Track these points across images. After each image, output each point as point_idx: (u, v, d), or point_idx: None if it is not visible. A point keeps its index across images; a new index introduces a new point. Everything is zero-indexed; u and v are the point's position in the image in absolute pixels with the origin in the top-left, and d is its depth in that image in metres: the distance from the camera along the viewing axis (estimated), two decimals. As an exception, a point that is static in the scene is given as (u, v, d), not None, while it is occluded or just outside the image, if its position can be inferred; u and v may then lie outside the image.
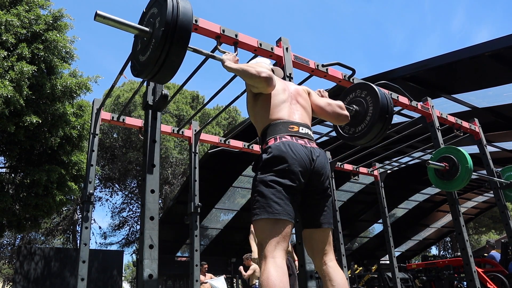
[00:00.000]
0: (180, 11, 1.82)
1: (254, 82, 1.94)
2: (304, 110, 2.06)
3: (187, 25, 1.83)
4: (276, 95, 2.00)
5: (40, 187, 8.14)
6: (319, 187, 1.85)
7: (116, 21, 1.89)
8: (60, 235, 21.66)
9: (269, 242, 1.65)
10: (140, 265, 1.96)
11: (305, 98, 2.13)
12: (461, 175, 3.85)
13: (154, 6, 2.00)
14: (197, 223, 4.09)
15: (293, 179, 1.73)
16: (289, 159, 1.74)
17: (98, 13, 1.80)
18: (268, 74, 1.92)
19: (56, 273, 11.75)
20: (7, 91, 6.93)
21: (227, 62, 2.08)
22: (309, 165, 1.78)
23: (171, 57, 1.82)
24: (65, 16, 8.88)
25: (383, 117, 2.86)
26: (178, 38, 1.80)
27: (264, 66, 2.08)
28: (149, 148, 2.22)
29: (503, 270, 6.56)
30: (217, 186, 11.56)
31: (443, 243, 28.75)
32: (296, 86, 2.18)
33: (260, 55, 3.04)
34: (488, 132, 7.37)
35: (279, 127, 1.89)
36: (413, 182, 13.13)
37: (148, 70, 1.90)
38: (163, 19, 1.82)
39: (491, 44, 5.43)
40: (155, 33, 1.88)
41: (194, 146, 4.52)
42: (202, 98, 20.36)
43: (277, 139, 1.83)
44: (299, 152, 1.77)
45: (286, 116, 1.94)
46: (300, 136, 1.88)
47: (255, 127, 2.09)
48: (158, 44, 1.80)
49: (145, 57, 1.93)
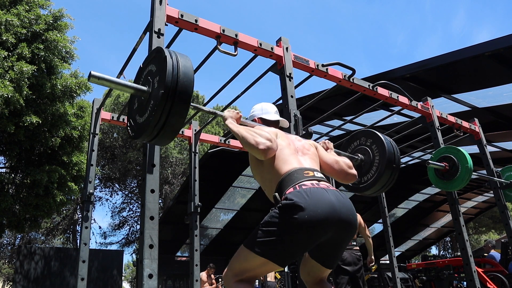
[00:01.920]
0: (181, 72, 1.68)
1: (252, 152, 1.84)
2: (314, 161, 1.95)
3: (188, 87, 1.69)
4: (281, 152, 1.87)
5: (40, 187, 8.14)
6: (342, 237, 1.69)
7: (111, 81, 1.79)
8: (60, 235, 21.66)
9: (247, 273, 1.65)
10: (140, 264, 1.96)
11: (313, 152, 2.03)
12: (461, 175, 3.85)
13: (152, 63, 1.85)
14: (197, 223, 4.09)
15: (312, 231, 1.58)
16: (312, 209, 1.57)
17: (92, 74, 1.71)
18: (266, 146, 1.78)
19: (56, 273, 11.75)
20: (7, 91, 6.93)
21: (229, 121, 1.99)
22: (333, 213, 1.61)
23: (171, 121, 1.69)
24: (65, 16, 8.89)
25: (390, 167, 2.75)
26: (178, 101, 1.65)
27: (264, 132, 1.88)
28: (149, 148, 2.22)
29: (503, 270, 6.56)
30: (217, 186, 11.56)
31: (443, 243, 28.75)
32: (302, 141, 2.07)
33: (260, 55, 3.04)
34: (488, 132, 7.36)
35: (294, 175, 1.75)
36: (413, 182, 13.13)
37: (146, 134, 1.76)
38: (162, 80, 1.67)
39: (491, 44, 5.42)
40: (153, 93, 1.74)
41: (194, 146, 4.52)
42: (202, 98, 20.37)
43: (296, 187, 1.67)
44: (323, 199, 1.61)
45: (297, 165, 1.82)
46: (318, 180, 1.74)
47: (263, 188, 1.95)
48: (157, 108, 1.66)
49: (143, 119, 1.78)
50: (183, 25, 2.67)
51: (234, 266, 1.69)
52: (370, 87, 3.71)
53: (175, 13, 2.58)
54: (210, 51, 3.00)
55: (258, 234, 1.63)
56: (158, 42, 2.36)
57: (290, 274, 8.75)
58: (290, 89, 2.90)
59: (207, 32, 2.75)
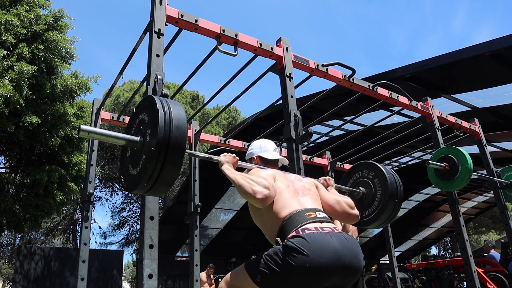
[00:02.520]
0: (173, 126, 1.61)
1: (249, 201, 1.79)
2: (315, 200, 1.90)
3: (181, 141, 1.63)
4: (280, 195, 1.81)
5: (40, 187, 8.14)
6: (345, 282, 1.64)
7: (101, 134, 1.75)
8: (60, 235, 21.67)
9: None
10: (140, 264, 1.96)
11: (314, 192, 1.97)
12: (461, 175, 3.84)
13: (144, 111, 1.78)
14: (197, 223, 4.09)
15: (314, 279, 1.54)
16: (315, 257, 1.52)
17: (82, 128, 1.68)
18: (264, 195, 1.72)
19: (56, 273, 11.75)
20: (7, 91, 6.93)
21: (225, 166, 1.94)
22: (338, 261, 1.56)
23: (165, 174, 1.64)
24: (66, 16, 8.89)
25: (393, 201, 2.73)
26: (172, 154, 1.60)
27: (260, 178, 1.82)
28: (149, 148, 2.21)
29: (503, 270, 6.56)
30: (217, 186, 11.55)
31: (443, 243, 28.75)
32: (303, 180, 2.01)
33: (260, 55, 3.04)
34: (488, 132, 7.36)
35: (295, 218, 1.69)
36: (413, 182, 13.13)
37: (140, 187, 1.72)
38: (154, 135, 1.61)
39: (491, 44, 5.42)
40: (145, 146, 1.69)
41: (194, 146, 4.52)
42: (202, 98, 20.36)
43: (299, 232, 1.61)
44: (327, 246, 1.56)
45: (298, 206, 1.76)
46: (321, 221, 1.69)
47: (264, 232, 1.89)
48: (150, 163, 1.61)
49: (136, 172, 1.74)
50: (183, 25, 2.67)
51: (231, 281, 1.71)
52: (370, 87, 3.71)
53: (175, 13, 2.58)
54: (210, 51, 3.00)
55: (261, 265, 1.61)
56: (158, 42, 2.36)
57: None
58: (290, 89, 2.90)
59: (207, 32, 2.75)
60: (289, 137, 2.73)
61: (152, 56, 2.30)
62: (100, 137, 1.76)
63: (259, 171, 1.98)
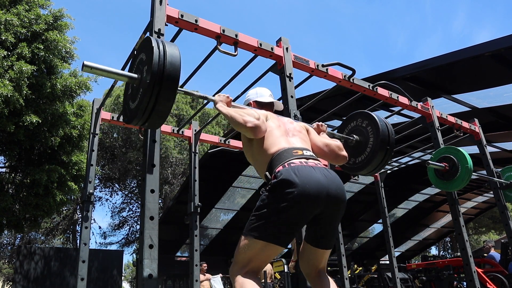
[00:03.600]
0: (167, 61, 1.77)
1: (241, 131, 1.91)
2: (304, 141, 2.01)
3: (174, 74, 1.78)
4: (271, 133, 1.94)
5: (40, 187, 8.14)
6: (332, 212, 1.76)
7: (103, 70, 1.87)
8: (60, 235, 21.66)
9: (252, 261, 1.66)
10: (140, 264, 1.96)
11: (304, 134, 2.09)
12: (461, 175, 3.85)
13: (142, 52, 1.95)
14: (197, 223, 4.09)
15: (303, 206, 1.64)
16: (300, 184, 1.63)
17: (85, 63, 1.79)
18: (254, 124, 1.86)
19: (56, 273, 11.75)
20: (6, 91, 6.94)
21: (219, 104, 2.08)
22: (322, 189, 1.67)
23: (159, 106, 1.80)
24: (65, 16, 8.89)
25: (384, 148, 2.79)
26: (165, 87, 1.76)
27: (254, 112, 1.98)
28: (149, 148, 2.22)
29: (503, 270, 6.56)
30: (217, 186, 11.56)
31: (443, 243, 28.75)
32: (294, 123, 2.13)
33: (260, 55, 3.04)
34: (488, 132, 7.36)
35: (283, 155, 1.82)
36: (413, 182, 13.12)
37: (137, 119, 1.88)
38: (149, 66, 1.78)
39: (491, 44, 5.42)
40: (143, 81, 1.85)
41: (194, 146, 4.52)
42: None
43: (285, 166, 1.74)
44: (311, 176, 1.67)
45: (287, 145, 1.89)
46: (306, 158, 1.80)
47: (255, 168, 2.04)
48: (145, 95, 1.77)
49: (134, 105, 1.91)
50: (183, 25, 2.67)
51: (237, 259, 1.72)
52: (370, 87, 3.71)
53: (175, 13, 2.57)
54: (210, 51, 3.00)
55: (252, 220, 1.70)
56: (158, 42, 2.36)
57: (290, 274, 8.75)
58: (290, 89, 2.90)
59: (207, 32, 2.75)
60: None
61: (152, 56, 2.30)
62: (103, 73, 1.89)
63: (252, 109, 2.15)
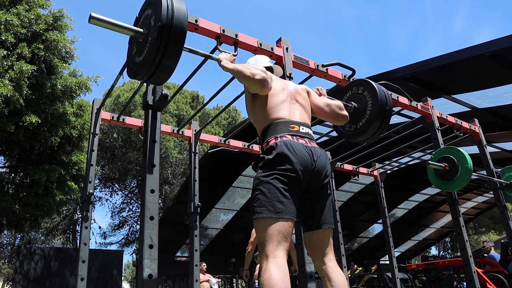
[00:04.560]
0: (175, 11, 1.79)
1: (248, 84, 1.93)
2: (304, 110, 2.05)
3: (182, 24, 1.80)
4: (275, 95, 1.98)
5: (40, 187, 8.14)
6: (319, 187, 1.85)
7: (110, 23, 1.87)
8: (60, 235, 21.65)
9: (270, 241, 1.64)
10: (140, 264, 1.96)
11: (305, 97, 2.12)
12: (461, 175, 3.84)
13: (148, 8, 1.98)
14: (197, 223, 4.09)
15: (295, 178, 1.73)
16: (291, 158, 1.73)
17: (92, 15, 1.79)
18: (262, 77, 1.90)
19: (56, 273, 11.74)
20: (6, 90, 6.94)
21: (224, 62, 2.08)
22: (310, 165, 1.78)
23: (167, 57, 1.80)
24: (65, 16, 8.89)
25: (383, 111, 2.83)
26: (173, 37, 1.77)
27: (260, 67, 2.02)
28: (149, 148, 2.22)
29: (503, 271, 6.56)
30: (217, 186, 11.56)
31: (443, 243, 28.75)
32: (295, 85, 2.17)
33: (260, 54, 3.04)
34: (488, 133, 7.37)
35: (279, 126, 1.88)
36: (413, 182, 13.12)
37: (144, 71, 1.88)
38: (157, 19, 1.79)
39: (491, 45, 5.42)
40: (150, 33, 1.86)
41: (194, 146, 4.52)
42: (202, 98, 20.35)
43: (278, 138, 1.83)
44: (300, 152, 1.77)
45: (287, 116, 1.93)
46: (301, 136, 1.88)
47: (255, 127, 2.08)
48: (154, 44, 1.77)
49: (141, 58, 1.91)
50: (183, 25, 2.67)
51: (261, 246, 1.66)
52: (370, 87, 3.70)
53: (175, 13, 2.57)
54: (210, 51, 2.99)
55: (253, 202, 1.75)
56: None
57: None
58: (290, 89, 2.90)
59: (207, 32, 2.75)
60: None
61: (152, 56, 2.30)
62: (109, 26, 1.89)
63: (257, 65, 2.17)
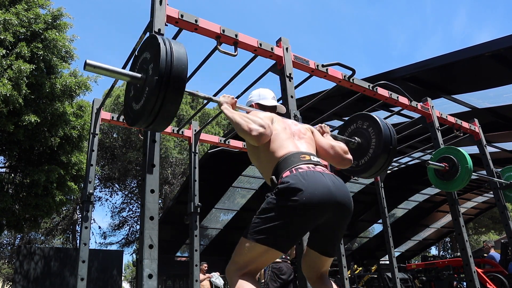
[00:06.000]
0: (175, 58, 1.71)
1: (245, 138, 1.84)
2: (310, 145, 1.96)
3: (182, 73, 1.73)
4: (277, 135, 1.88)
5: (39, 187, 8.13)
6: (338, 220, 1.70)
7: (106, 69, 1.82)
8: (60, 235, 21.65)
9: (251, 264, 1.63)
10: (140, 265, 1.96)
11: (309, 136, 2.03)
12: (461, 175, 3.84)
13: (146, 50, 1.89)
14: (197, 223, 4.09)
15: (310, 213, 1.59)
16: (308, 191, 1.58)
17: (87, 62, 1.74)
18: (259, 133, 1.77)
19: (56, 273, 11.74)
20: (5, 90, 6.93)
21: (224, 106, 2.01)
22: (330, 196, 1.62)
23: (166, 106, 1.73)
24: (65, 15, 8.89)
25: (387, 149, 2.76)
26: (173, 87, 1.70)
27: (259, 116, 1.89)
28: (149, 148, 2.21)
29: (503, 271, 6.56)
30: (217, 186, 11.55)
31: (443, 243, 28.75)
32: (298, 125, 2.08)
33: (260, 55, 3.04)
34: (488, 133, 7.36)
35: (290, 159, 1.75)
36: (413, 182, 13.12)
37: (142, 120, 1.80)
38: (156, 67, 1.71)
39: (491, 45, 5.42)
40: (148, 80, 1.78)
41: (194, 146, 4.52)
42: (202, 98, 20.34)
43: (293, 171, 1.67)
44: (319, 182, 1.62)
45: (294, 149, 1.82)
46: (314, 164, 1.75)
47: (261, 173, 1.96)
48: (152, 94, 1.70)
49: (139, 106, 1.82)
50: (183, 25, 2.67)
51: (236, 259, 1.68)
52: (370, 87, 3.70)
53: (175, 13, 2.57)
54: (210, 51, 2.99)
55: (256, 223, 1.63)
56: (158, 42, 2.36)
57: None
58: (290, 89, 2.90)
59: (207, 32, 2.75)
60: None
61: (152, 56, 2.30)
62: (105, 73, 1.84)
63: (257, 112, 2.04)
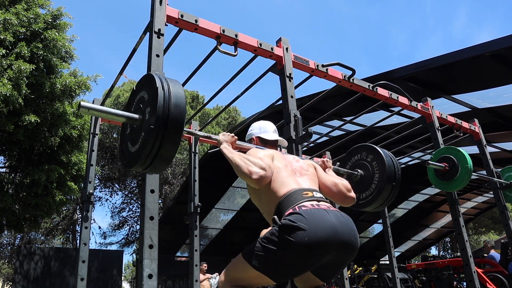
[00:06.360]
0: (172, 103, 1.65)
1: (245, 181, 1.79)
2: (312, 181, 1.90)
3: (180, 118, 1.67)
4: (278, 174, 1.82)
5: (39, 187, 8.13)
6: (343, 258, 1.66)
7: (101, 111, 1.77)
8: (60, 235, 21.65)
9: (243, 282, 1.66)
10: (140, 265, 1.96)
11: (312, 173, 1.97)
12: (461, 175, 3.84)
13: (143, 90, 1.81)
14: (197, 223, 4.09)
15: (312, 253, 1.55)
16: (312, 231, 1.53)
17: (82, 104, 1.71)
18: (259, 176, 1.72)
19: (55, 273, 11.75)
20: (5, 89, 6.93)
21: (223, 146, 1.97)
22: (334, 235, 1.57)
23: (164, 151, 1.67)
24: (64, 15, 8.89)
25: (390, 184, 2.73)
26: (170, 133, 1.65)
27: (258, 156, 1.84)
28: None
29: (503, 271, 6.56)
30: (217, 186, 11.55)
31: (442, 243, 28.74)
32: (301, 161, 2.01)
33: (260, 55, 3.04)
34: (488, 133, 7.36)
35: (292, 197, 1.70)
36: (413, 182, 13.12)
37: (139, 164, 1.74)
38: (153, 112, 1.65)
39: (491, 45, 5.42)
40: (145, 123, 1.72)
41: (194, 146, 4.51)
42: (202, 98, 20.36)
43: (296, 209, 1.62)
44: (324, 221, 1.57)
45: (296, 186, 1.77)
46: (318, 200, 1.70)
47: (262, 212, 1.90)
48: (149, 140, 1.64)
49: (135, 149, 1.76)
50: (183, 25, 2.67)
51: (230, 273, 1.70)
52: (370, 87, 3.70)
53: (175, 13, 2.57)
54: (210, 51, 3.00)
55: (257, 248, 1.61)
56: (158, 42, 2.36)
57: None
58: (290, 89, 2.90)
59: (207, 32, 2.75)
60: (289, 137, 2.72)
61: (152, 56, 2.30)
62: (100, 114, 1.80)
63: (257, 151, 1.98)
